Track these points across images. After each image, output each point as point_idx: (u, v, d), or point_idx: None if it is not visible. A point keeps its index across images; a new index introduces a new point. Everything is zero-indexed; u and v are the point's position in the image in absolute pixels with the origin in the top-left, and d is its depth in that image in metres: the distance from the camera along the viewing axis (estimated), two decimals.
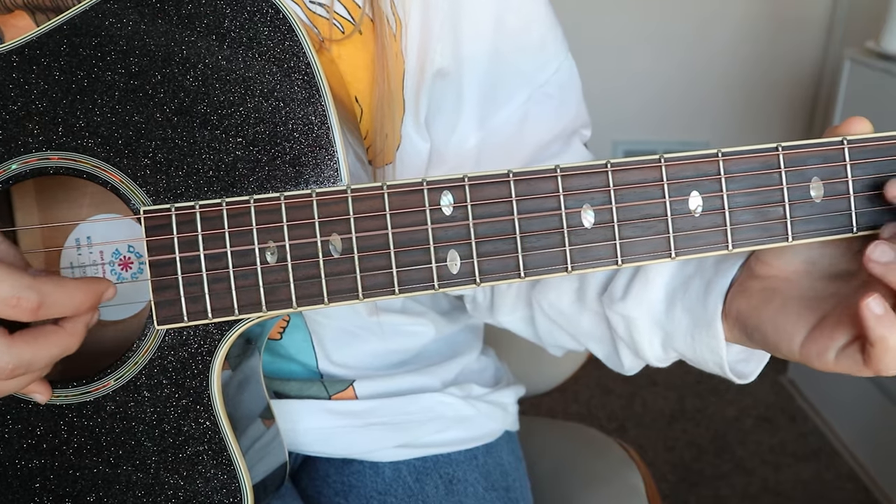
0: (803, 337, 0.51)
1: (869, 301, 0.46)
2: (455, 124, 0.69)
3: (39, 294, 0.46)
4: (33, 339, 0.47)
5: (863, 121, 0.51)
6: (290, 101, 0.52)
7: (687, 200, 0.50)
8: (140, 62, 0.51)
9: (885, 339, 0.46)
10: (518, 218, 0.50)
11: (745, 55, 2.29)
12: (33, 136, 0.52)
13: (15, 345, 0.46)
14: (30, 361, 0.47)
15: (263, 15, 0.51)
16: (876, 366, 0.47)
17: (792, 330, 0.52)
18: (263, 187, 0.52)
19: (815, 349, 0.50)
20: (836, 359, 0.50)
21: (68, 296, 0.48)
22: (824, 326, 0.50)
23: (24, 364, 0.47)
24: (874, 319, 0.46)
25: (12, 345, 0.46)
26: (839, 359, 0.49)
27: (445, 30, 0.65)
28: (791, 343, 0.52)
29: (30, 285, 0.45)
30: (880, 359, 0.47)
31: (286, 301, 0.51)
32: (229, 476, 0.55)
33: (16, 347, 0.46)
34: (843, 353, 0.49)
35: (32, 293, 0.45)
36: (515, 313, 0.75)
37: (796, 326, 0.52)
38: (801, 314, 0.52)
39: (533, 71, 0.69)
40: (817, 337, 0.50)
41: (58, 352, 0.48)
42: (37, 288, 0.46)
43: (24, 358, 0.46)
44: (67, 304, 0.48)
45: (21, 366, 0.47)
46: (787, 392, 2.06)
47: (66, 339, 0.49)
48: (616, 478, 0.92)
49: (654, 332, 0.63)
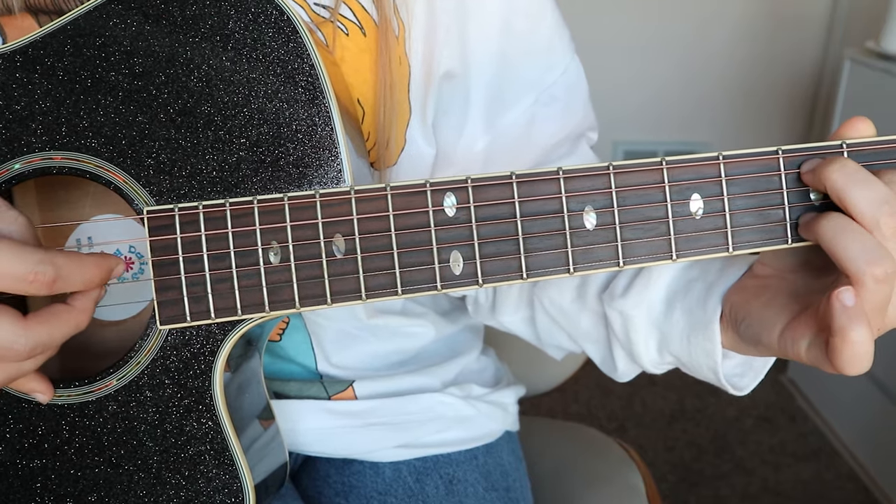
0: (783, 326, 0.51)
1: (841, 291, 0.46)
2: (462, 126, 0.69)
3: (55, 267, 0.46)
4: (46, 319, 0.48)
5: (865, 121, 0.51)
6: (293, 103, 0.52)
7: (688, 203, 0.51)
8: (144, 63, 0.52)
9: (845, 329, 0.45)
10: (521, 219, 0.50)
11: (744, 55, 2.30)
12: (37, 136, 0.52)
13: (30, 326, 0.47)
14: (46, 341, 0.48)
15: (267, 16, 0.52)
16: (835, 359, 0.46)
17: (774, 319, 0.52)
18: (267, 188, 0.52)
19: (790, 338, 0.50)
20: (806, 349, 0.49)
21: (82, 269, 0.48)
22: (802, 316, 0.50)
23: (42, 344, 0.47)
24: (840, 309, 0.45)
25: (28, 326, 0.47)
26: (809, 349, 0.49)
27: (452, 32, 0.65)
28: (771, 333, 0.52)
29: (44, 259, 0.46)
30: (840, 351, 0.46)
31: (289, 301, 0.51)
32: (231, 476, 0.55)
33: (32, 329, 0.47)
34: (813, 345, 0.49)
35: (48, 267, 0.46)
36: (517, 314, 0.75)
37: (779, 316, 0.52)
38: (786, 305, 0.52)
39: (540, 73, 0.69)
40: (794, 326, 0.50)
41: (70, 329, 0.49)
42: (51, 262, 0.46)
43: (41, 338, 0.47)
44: (81, 277, 0.48)
45: (39, 346, 0.47)
46: (787, 392, 2.07)
47: (77, 316, 0.49)
48: (616, 478, 0.92)
49: (651, 333, 0.63)
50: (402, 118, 0.66)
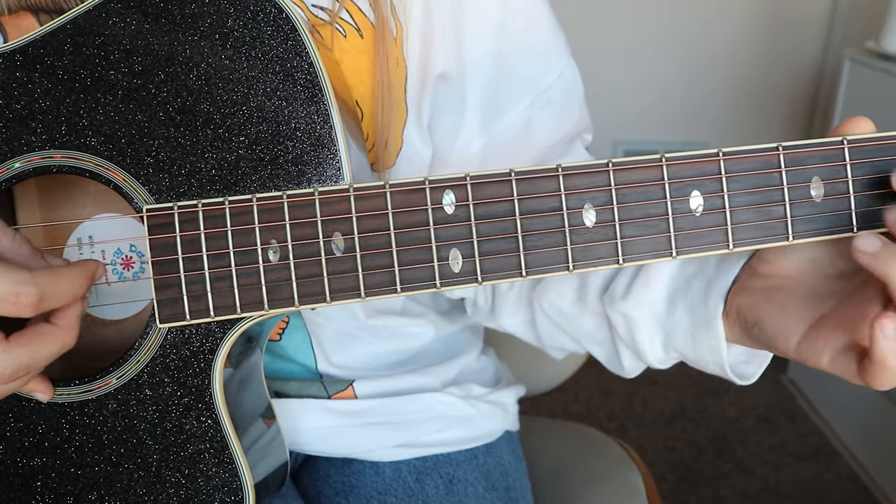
0: (801, 335, 0.51)
1: (885, 321, 0.45)
2: (459, 128, 0.69)
3: (38, 287, 0.45)
4: (29, 340, 0.46)
5: (864, 120, 0.51)
6: (292, 101, 0.52)
7: (688, 200, 0.50)
8: (143, 61, 0.52)
9: (887, 360, 0.46)
10: (520, 217, 0.50)
11: (745, 55, 2.30)
12: (36, 135, 0.52)
13: (11, 349, 0.45)
14: (28, 363, 0.46)
15: (266, 14, 0.52)
16: (870, 380, 0.47)
17: (791, 328, 0.52)
18: (266, 186, 0.52)
19: (810, 349, 0.50)
20: (829, 361, 0.49)
21: (67, 282, 0.47)
22: (822, 327, 0.50)
23: (24, 367, 0.46)
24: (884, 340, 0.45)
25: (9, 349, 0.45)
26: (833, 362, 0.49)
27: (448, 34, 0.65)
28: (788, 341, 0.52)
29: (27, 280, 0.44)
30: (877, 376, 0.47)
31: (288, 299, 0.51)
32: (231, 475, 0.55)
33: (12, 351, 0.45)
34: (838, 357, 0.49)
35: (31, 287, 0.44)
36: (516, 316, 0.75)
37: (796, 324, 0.52)
38: (801, 312, 0.52)
39: (536, 76, 0.69)
40: (814, 337, 0.50)
41: (56, 349, 0.48)
42: (34, 282, 0.45)
43: (22, 361, 0.46)
44: (67, 290, 0.47)
45: (20, 369, 0.46)
46: (787, 392, 2.06)
47: (62, 335, 0.48)
48: (616, 478, 0.92)
49: (655, 332, 0.63)
50: (399, 119, 0.66)
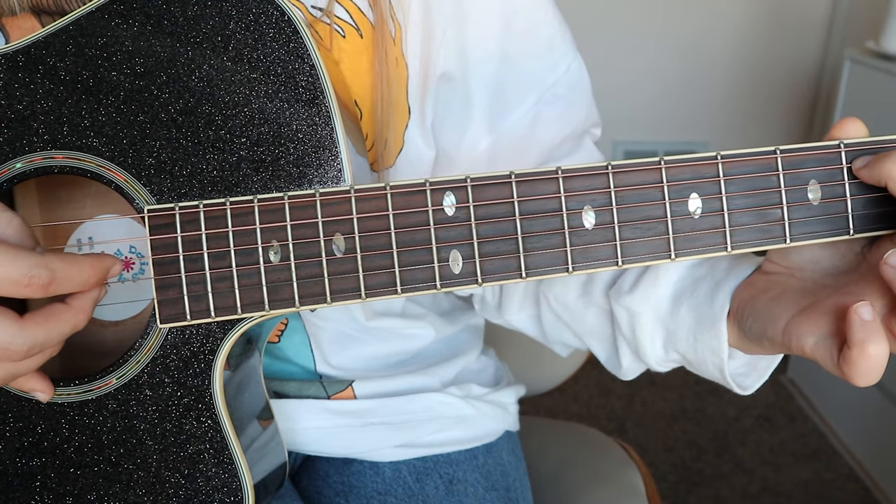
0: (789, 318, 0.51)
1: (860, 305, 0.46)
2: (465, 128, 0.69)
3: (50, 271, 0.46)
4: (44, 318, 0.48)
5: (855, 121, 0.51)
6: (294, 102, 0.52)
7: (686, 202, 0.51)
8: (145, 63, 0.52)
9: (864, 343, 0.46)
10: (520, 219, 0.50)
11: (745, 55, 2.30)
12: (38, 136, 0.52)
13: (27, 326, 0.47)
14: (43, 341, 0.48)
15: (268, 17, 0.52)
16: (848, 368, 0.47)
17: (780, 313, 0.52)
18: (267, 187, 0.52)
19: (796, 331, 0.50)
20: (813, 346, 0.50)
21: (77, 271, 0.48)
22: (811, 312, 0.50)
23: (39, 344, 0.47)
24: (859, 323, 0.46)
25: (25, 326, 0.47)
26: (816, 347, 0.49)
27: (449, 34, 0.65)
28: (776, 325, 0.52)
29: (39, 263, 0.46)
30: (855, 363, 0.47)
31: (289, 300, 0.51)
32: (230, 475, 0.55)
33: (28, 329, 0.47)
34: (822, 342, 0.49)
35: (43, 270, 0.46)
36: (523, 312, 0.76)
37: (786, 310, 0.52)
38: (794, 300, 0.52)
39: (542, 72, 0.69)
40: (801, 320, 0.50)
41: (68, 329, 0.49)
42: (47, 265, 0.46)
43: (38, 338, 0.47)
44: (77, 279, 0.48)
45: (36, 346, 0.47)
46: (787, 392, 2.07)
47: (74, 315, 0.49)
48: (616, 477, 0.92)
49: (657, 330, 0.63)
50: (401, 119, 0.66)
